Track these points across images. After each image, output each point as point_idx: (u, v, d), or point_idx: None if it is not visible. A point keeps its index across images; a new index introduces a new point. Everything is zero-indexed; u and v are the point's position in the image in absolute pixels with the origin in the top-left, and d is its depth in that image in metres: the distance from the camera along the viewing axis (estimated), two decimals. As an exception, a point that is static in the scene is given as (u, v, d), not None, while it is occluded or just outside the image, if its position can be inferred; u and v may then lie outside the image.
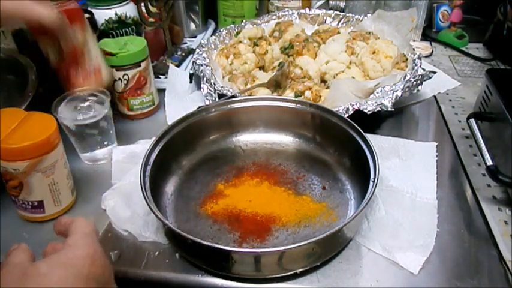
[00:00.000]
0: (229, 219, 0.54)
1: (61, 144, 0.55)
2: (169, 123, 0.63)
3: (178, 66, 0.90)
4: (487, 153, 0.58)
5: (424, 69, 0.76)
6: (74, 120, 0.61)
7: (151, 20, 0.88)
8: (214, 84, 0.74)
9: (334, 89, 0.71)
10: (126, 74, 0.72)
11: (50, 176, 0.53)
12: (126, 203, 0.56)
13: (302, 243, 0.44)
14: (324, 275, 0.48)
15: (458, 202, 0.58)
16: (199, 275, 0.49)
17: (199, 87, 0.80)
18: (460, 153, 0.68)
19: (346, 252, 0.51)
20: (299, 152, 0.66)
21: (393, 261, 0.49)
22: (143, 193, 0.50)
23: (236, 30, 0.93)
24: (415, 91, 0.73)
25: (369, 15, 0.95)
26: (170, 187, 0.60)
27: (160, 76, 0.87)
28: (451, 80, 0.84)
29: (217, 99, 0.71)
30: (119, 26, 0.78)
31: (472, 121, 0.65)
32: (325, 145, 0.65)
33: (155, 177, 0.55)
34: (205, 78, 0.75)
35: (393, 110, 0.67)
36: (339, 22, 0.98)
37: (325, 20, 0.99)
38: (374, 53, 0.77)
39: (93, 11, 0.75)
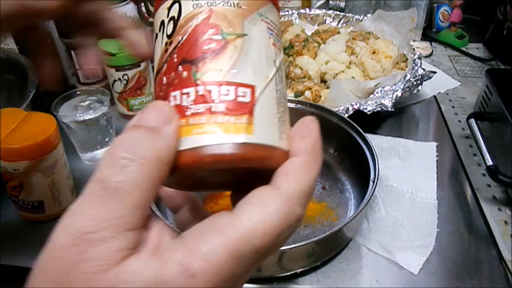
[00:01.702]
0: (229, 219, 0.54)
1: (61, 144, 0.55)
2: (169, 123, 0.63)
3: (178, 66, 0.90)
4: (487, 153, 0.58)
5: (424, 69, 0.76)
6: (73, 118, 0.61)
7: (151, 20, 0.88)
8: (214, 84, 0.74)
9: (334, 89, 0.71)
10: (125, 74, 0.72)
11: (50, 176, 0.53)
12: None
13: (302, 243, 0.44)
14: (324, 275, 0.48)
15: (458, 202, 0.58)
16: (199, 275, 0.49)
17: (199, 87, 0.79)
18: (460, 153, 0.68)
19: (346, 252, 0.51)
20: (299, 152, 0.66)
21: (393, 261, 0.49)
22: (143, 193, 0.49)
23: (236, 30, 0.93)
24: (415, 91, 0.73)
25: (369, 15, 0.95)
26: (170, 187, 0.59)
27: (160, 76, 0.87)
28: (451, 80, 0.84)
29: (217, 99, 0.71)
30: (119, 26, 0.78)
31: (472, 121, 0.64)
32: (325, 145, 0.65)
33: (155, 177, 0.55)
34: (205, 78, 0.75)
35: (393, 110, 0.67)
36: (339, 22, 0.98)
37: (325, 20, 0.99)
38: (374, 53, 0.77)
39: (93, 11, 0.75)
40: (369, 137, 0.57)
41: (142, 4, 0.84)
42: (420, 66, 0.76)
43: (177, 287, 0.16)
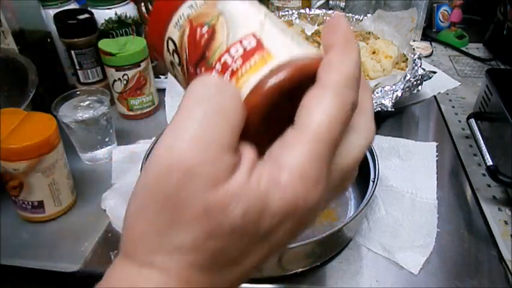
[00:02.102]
0: (229, 219, 0.54)
1: (61, 144, 0.55)
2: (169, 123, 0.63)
3: (178, 66, 0.90)
4: (487, 153, 0.58)
5: (424, 69, 0.76)
6: (73, 118, 0.61)
7: (151, 20, 0.87)
8: (214, 84, 0.74)
9: (334, 89, 0.71)
10: (125, 74, 0.72)
11: (50, 176, 0.53)
12: (126, 203, 0.56)
13: (302, 243, 0.43)
14: (324, 275, 0.48)
15: (458, 202, 0.58)
16: (199, 275, 0.48)
17: (199, 87, 0.79)
18: (460, 153, 0.68)
19: (346, 252, 0.51)
20: (299, 152, 0.66)
21: (393, 261, 0.49)
22: (143, 193, 0.49)
23: (236, 30, 0.93)
24: (415, 91, 0.73)
25: (369, 15, 0.95)
26: (170, 187, 0.59)
27: (160, 76, 0.86)
28: (451, 80, 0.84)
29: (217, 99, 0.71)
30: (119, 26, 0.78)
31: (472, 121, 0.64)
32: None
33: (155, 177, 0.55)
34: (205, 78, 0.75)
35: (393, 110, 0.67)
36: (339, 22, 0.98)
37: (325, 20, 0.99)
38: (374, 53, 0.77)
39: (93, 11, 0.75)
40: (369, 137, 0.57)
41: (142, 4, 0.84)
42: (420, 66, 0.76)
43: (273, 197, 0.18)
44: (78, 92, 0.65)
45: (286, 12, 0.99)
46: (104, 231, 0.54)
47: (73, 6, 0.79)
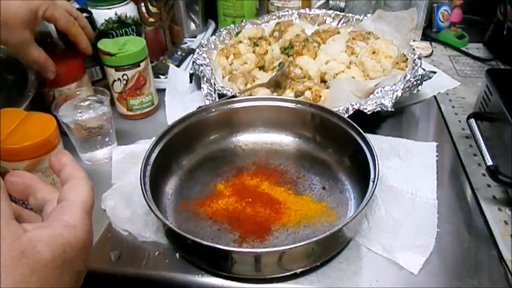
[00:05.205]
0: (229, 219, 0.54)
1: (61, 144, 0.55)
2: (169, 123, 0.63)
3: (178, 66, 0.90)
4: (487, 153, 0.58)
5: (424, 69, 0.76)
6: (73, 118, 0.61)
7: (151, 20, 0.88)
8: (214, 84, 0.74)
9: (334, 89, 0.71)
10: (125, 74, 0.72)
11: (50, 176, 0.53)
12: (126, 203, 0.56)
13: (302, 243, 0.44)
14: (324, 275, 0.48)
15: (458, 202, 0.58)
16: (199, 275, 0.49)
17: (199, 87, 0.80)
18: (460, 153, 0.68)
19: (346, 252, 0.51)
20: (299, 152, 0.66)
21: (393, 261, 0.49)
22: (143, 193, 0.50)
23: (236, 30, 0.93)
24: (415, 91, 0.73)
25: (369, 15, 0.95)
26: (170, 187, 0.60)
27: (160, 76, 0.87)
28: (451, 80, 0.84)
29: (217, 99, 0.71)
30: (119, 26, 0.78)
31: (472, 121, 0.65)
32: (325, 145, 0.65)
33: (155, 177, 0.55)
34: (205, 78, 0.75)
35: (393, 110, 0.67)
36: (339, 22, 0.98)
37: (325, 20, 0.99)
38: (374, 53, 0.77)
39: (93, 11, 0.75)
40: (369, 137, 0.57)
41: (142, 4, 0.84)
42: (420, 66, 0.76)
43: (67, 236, 0.27)
44: (78, 92, 0.65)
45: (286, 12, 0.99)
46: (104, 231, 0.54)
47: (73, 6, 0.79)
